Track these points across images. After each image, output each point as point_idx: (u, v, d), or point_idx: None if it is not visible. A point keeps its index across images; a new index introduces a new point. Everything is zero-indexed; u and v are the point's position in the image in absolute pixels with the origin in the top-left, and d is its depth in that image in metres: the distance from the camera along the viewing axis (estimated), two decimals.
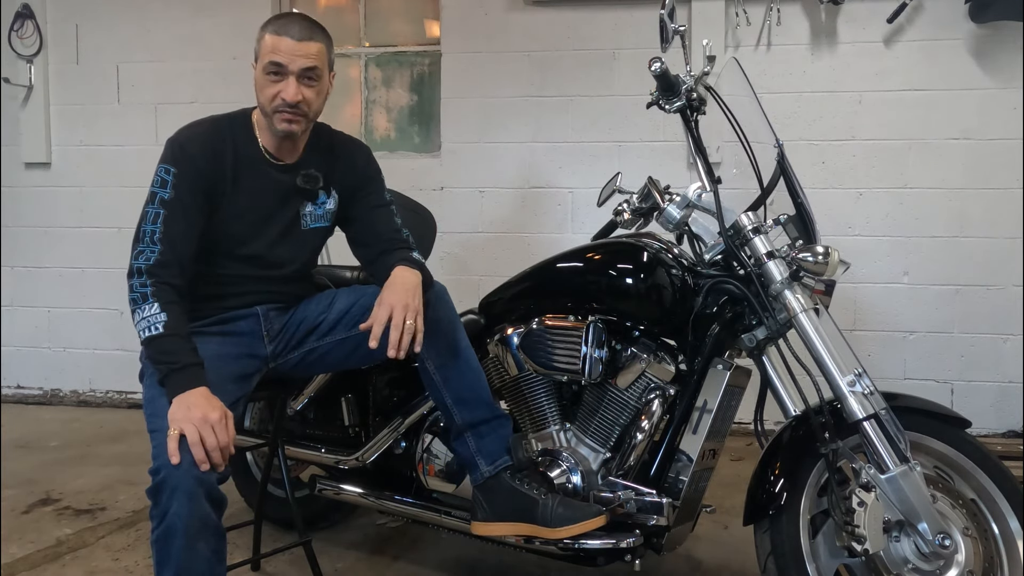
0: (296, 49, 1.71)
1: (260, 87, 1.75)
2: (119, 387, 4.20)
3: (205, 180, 1.72)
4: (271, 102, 1.73)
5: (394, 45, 4.07)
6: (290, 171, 1.83)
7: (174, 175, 1.69)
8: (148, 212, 1.68)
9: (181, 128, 1.77)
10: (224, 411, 1.50)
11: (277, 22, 1.75)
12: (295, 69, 1.71)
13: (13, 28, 4.10)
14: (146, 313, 1.59)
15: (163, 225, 1.66)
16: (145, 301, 1.60)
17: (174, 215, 1.67)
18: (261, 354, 1.83)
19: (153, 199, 1.68)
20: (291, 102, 1.71)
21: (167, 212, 1.67)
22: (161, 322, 1.57)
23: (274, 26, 1.73)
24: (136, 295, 1.61)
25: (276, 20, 1.76)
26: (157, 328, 1.57)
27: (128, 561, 2.25)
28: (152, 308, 1.59)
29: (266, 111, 1.75)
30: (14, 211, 4.24)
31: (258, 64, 1.74)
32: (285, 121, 1.74)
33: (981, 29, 3.42)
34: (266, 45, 1.72)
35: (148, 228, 1.66)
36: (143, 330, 1.58)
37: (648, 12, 3.59)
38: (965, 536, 1.57)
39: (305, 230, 1.88)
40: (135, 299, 1.61)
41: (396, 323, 1.62)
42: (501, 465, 1.80)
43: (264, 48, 1.72)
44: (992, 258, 3.47)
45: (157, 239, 1.65)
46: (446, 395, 1.82)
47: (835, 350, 1.66)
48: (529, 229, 3.81)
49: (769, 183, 1.82)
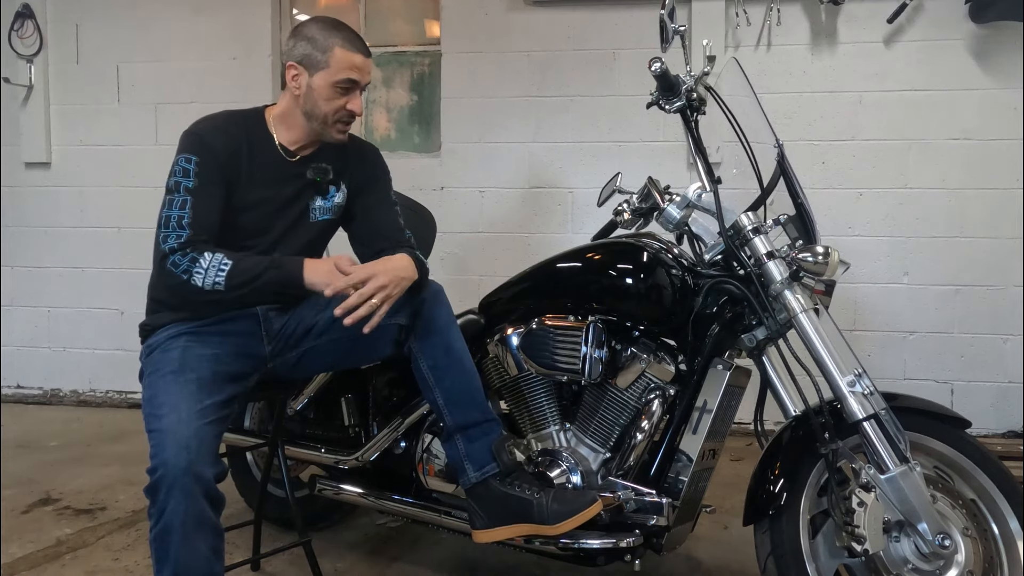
0: (368, 66, 1.81)
1: (325, 97, 1.78)
2: (119, 387, 4.20)
3: (225, 170, 1.74)
4: (336, 113, 1.79)
5: (394, 45, 4.07)
6: (302, 164, 1.86)
7: (196, 163, 1.70)
8: (174, 199, 1.68)
9: (197, 121, 1.79)
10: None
11: (341, 34, 1.78)
12: (364, 84, 1.80)
13: (13, 28, 4.11)
14: (205, 265, 1.63)
15: (192, 210, 1.67)
16: (197, 262, 1.64)
17: (200, 201, 1.69)
18: (260, 354, 1.83)
19: (177, 188, 1.69)
20: (359, 114, 1.82)
21: (194, 199, 1.68)
22: (223, 261, 1.64)
23: (342, 39, 1.77)
24: (183, 265, 1.64)
25: (335, 32, 1.78)
26: (226, 264, 1.63)
27: (128, 561, 2.25)
28: (207, 259, 1.64)
29: (326, 120, 1.80)
30: (14, 211, 4.24)
31: (323, 74, 1.76)
32: (342, 132, 1.84)
33: (981, 29, 3.42)
34: (340, 59, 1.76)
35: (176, 213, 1.67)
36: (215, 277, 1.63)
37: (648, 12, 3.59)
38: (965, 536, 1.57)
39: (312, 222, 1.89)
40: (185, 268, 1.63)
41: (362, 292, 1.61)
42: (488, 472, 1.78)
43: (338, 61, 1.75)
44: (992, 258, 3.47)
45: (186, 224, 1.66)
46: (438, 395, 1.82)
47: (835, 350, 1.66)
48: (529, 229, 3.81)
49: (769, 183, 1.82)
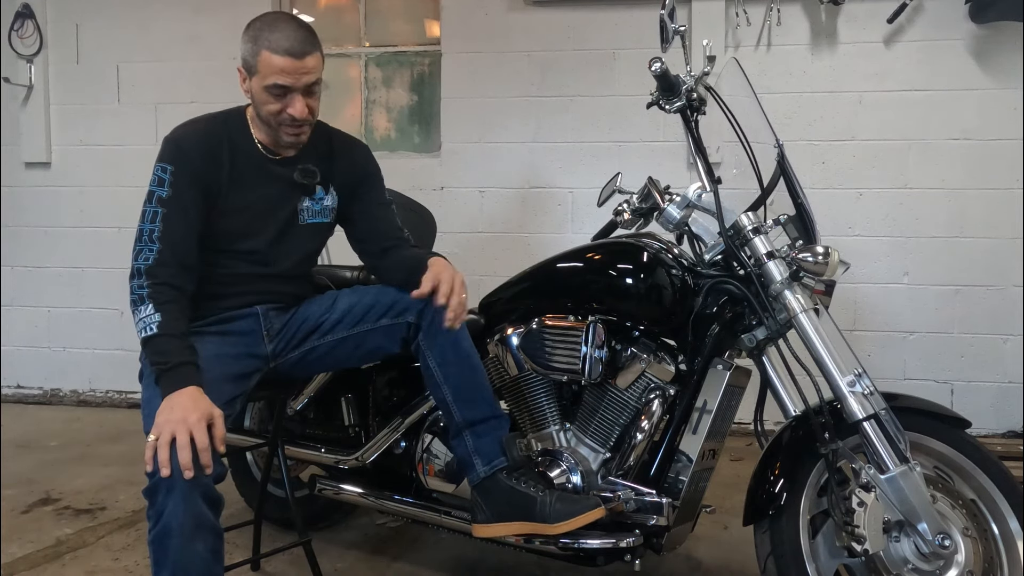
0: (299, 68, 1.67)
1: (261, 102, 1.72)
2: (119, 387, 4.20)
3: (202, 177, 1.72)
4: (276, 117, 1.72)
5: (394, 45, 4.07)
6: (287, 165, 1.83)
7: (171, 173, 1.69)
8: (147, 211, 1.68)
9: (176, 126, 1.77)
10: (206, 412, 1.47)
11: (271, 36, 1.66)
12: (299, 87, 1.69)
13: (13, 28, 4.10)
14: (142, 315, 1.60)
15: (162, 223, 1.66)
16: (142, 303, 1.61)
17: (173, 213, 1.67)
18: (261, 353, 1.83)
19: (151, 198, 1.68)
20: (300, 118, 1.71)
21: (165, 210, 1.67)
22: (155, 323, 1.58)
23: (268, 41, 1.66)
24: (135, 296, 1.63)
25: (268, 32, 1.67)
26: (152, 329, 1.58)
27: (128, 561, 2.25)
28: (147, 309, 1.60)
29: (270, 123, 1.74)
30: (14, 211, 4.24)
31: (256, 79, 1.69)
32: (292, 135, 1.75)
33: (981, 29, 3.42)
34: (266, 64, 1.66)
35: (147, 227, 1.66)
36: (140, 331, 1.60)
37: (648, 12, 3.58)
38: (965, 536, 1.57)
39: (303, 224, 1.87)
40: (134, 301, 1.63)
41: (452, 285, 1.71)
42: (497, 466, 1.79)
43: (263, 67, 1.66)
44: (992, 258, 3.47)
45: (156, 238, 1.65)
46: (446, 392, 1.81)
47: (835, 350, 1.66)
48: (529, 229, 3.81)
49: (769, 183, 1.82)
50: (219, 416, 1.49)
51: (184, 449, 1.41)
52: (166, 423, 1.44)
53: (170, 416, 1.45)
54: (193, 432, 1.43)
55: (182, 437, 1.42)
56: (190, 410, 1.46)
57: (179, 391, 1.50)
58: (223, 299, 1.81)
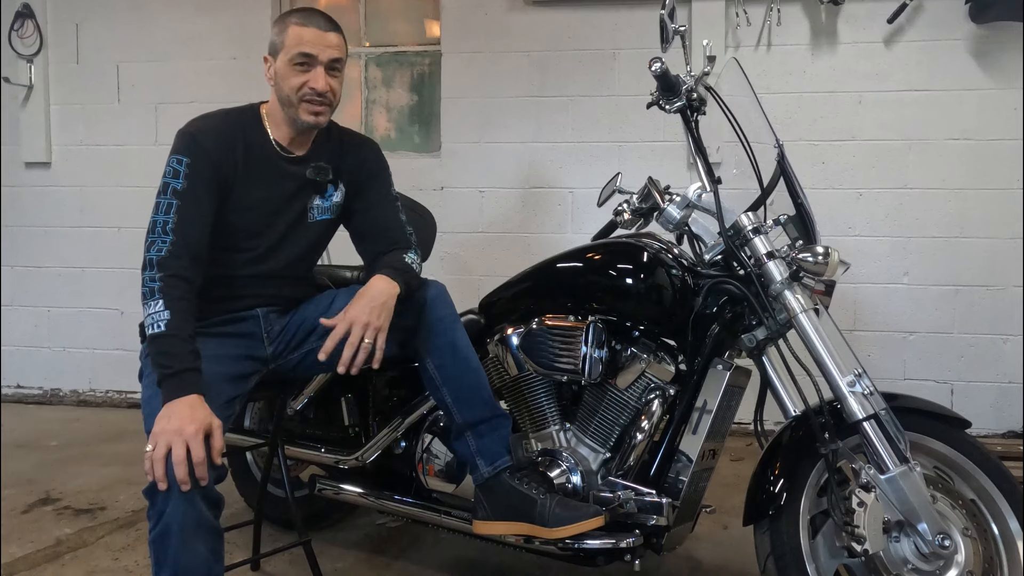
0: (324, 39, 1.74)
1: (284, 77, 1.75)
2: (119, 387, 4.20)
3: (217, 171, 1.72)
4: (298, 91, 1.74)
5: (394, 45, 4.08)
6: (300, 163, 1.83)
7: (187, 165, 1.68)
8: (161, 203, 1.66)
9: (192, 120, 1.76)
10: (203, 423, 1.45)
11: (299, 14, 1.77)
12: (324, 59, 1.74)
13: (13, 28, 4.11)
14: (152, 309, 1.57)
15: (176, 215, 1.65)
16: (152, 297, 1.58)
17: (187, 205, 1.67)
18: (261, 355, 1.83)
19: (166, 190, 1.67)
20: (321, 91, 1.73)
21: (180, 202, 1.66)
22: (164, 320, 1.56)
23: (297, 18, 1.76)
24: (146, 289, 1.60)
25: (297, 13, 1.78)
26: (160, 327, 1.55)
27: (128, 561, 2.25)
28: (157, 305, 1.57)
29: (291, 101, 1.75)
30: (14, 211, 4.24)
31: (281, 55, 1.75)
32: (312, 113, 1.76)
33: (981, 29, 3.42)
34: (292, 36, 1.73)
35: (161, 218, 1.65)
36: (148, 327, 1.57)
37: (648, 12, 3.59)
38: (965, 536, 1.57)
39: (312, 223, 1.88)
40: (145, 293, 1.60)
41: (351, 341, 1.65)
42: (501, 465, 1.80)
43: (290, 39, 1.74)
44: (992, 258, 3.47)
45: (170, 229, 1.64)
46: (446, 394, 1.82)
47: (835, 350, 1.66)
48: (529, 229, 3.81)
49: (769, 183, 1.82)
50: (218, 427, 1.48)
51: (180, 465, 1.40)
52: (163, 433, 1.43)
53: (167, 426, 1.43)
54: (190, 445, 1.41)
55: (178, 451, 1.41)
56: (188, 421, 1.44)
57: (179, 399, 1.48)
58: (225, 301, 1.80)
